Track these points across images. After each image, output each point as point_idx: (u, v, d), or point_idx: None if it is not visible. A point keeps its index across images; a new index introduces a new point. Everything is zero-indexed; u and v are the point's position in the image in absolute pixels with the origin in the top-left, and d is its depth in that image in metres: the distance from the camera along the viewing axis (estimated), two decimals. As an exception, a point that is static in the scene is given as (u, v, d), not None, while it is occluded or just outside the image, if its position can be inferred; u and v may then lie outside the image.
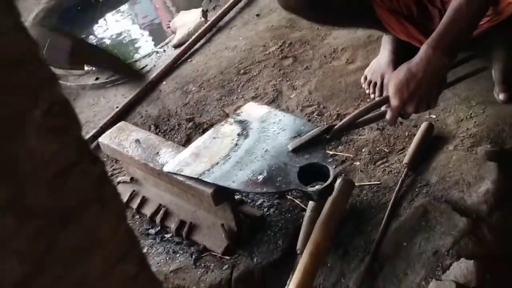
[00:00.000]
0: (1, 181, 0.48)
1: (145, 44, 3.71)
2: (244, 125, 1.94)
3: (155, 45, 3.49)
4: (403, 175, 1.96)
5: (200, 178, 1.77)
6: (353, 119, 1.83)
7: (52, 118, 0.52)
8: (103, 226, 0.60)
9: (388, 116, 1.82)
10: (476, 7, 1.72)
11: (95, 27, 4.00)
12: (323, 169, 1.72)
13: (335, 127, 1.82)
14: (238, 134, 1.91)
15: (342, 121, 1.84)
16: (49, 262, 0.55)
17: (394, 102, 1.77)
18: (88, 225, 0.58)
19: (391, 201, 1.89)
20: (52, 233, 0.55)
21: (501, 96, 2.09)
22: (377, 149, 2.13)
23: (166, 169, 1.86)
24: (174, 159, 1.88)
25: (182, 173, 1.81)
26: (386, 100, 1.81)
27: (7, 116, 0.48)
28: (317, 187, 1.68)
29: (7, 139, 0.48)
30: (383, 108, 1.85)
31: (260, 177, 1.72)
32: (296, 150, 1.79)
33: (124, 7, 4.14)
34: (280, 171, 1.73)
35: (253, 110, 2.02)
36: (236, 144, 1.87)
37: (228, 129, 1.95)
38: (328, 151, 2.15)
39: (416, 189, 1.93)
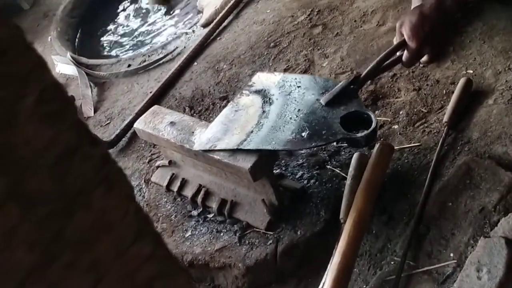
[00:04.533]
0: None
1: (174, 25, 3.70)
2: (263, 93, 1.94)
3: (184, 26, 3.48)
4: (443, 134, 1.93)
5: (239, 148, 1.77)
6: (376, 66, 1.88)
7: (45, 104, 0.51)
8: (111, 208, 0.59)
9: (405, 58, 1.87)
10: None
11: (124, 14, 4.00)
12: (363, 116, 1.74)
13: (361, 75, 1.86)
14: (262, 102, 1.89)
15: (367, 70, 1.87)
16: (59, 249, 0.55)
17: (411, 44, 1.82)
18: (96, 209, 0.58)
19: (433, 161, 1.87)
20: (59, 220, 0.55)
21: None
22: (415, 110, 2.09)
23: (196, 147, 1.86)
24: (201, 138, 1.88)
25: (217, 148, 1.81)
26: (402, 44, 1.85)
27: (-3, 106, 0.47)
28: (364, 132, 1.69)
29: (0, 129, 0.48)
30: (398, 53, 1.90)
31: (304, 134, 1.73)
32: (330, 104, 1.81)
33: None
34: (322, 125, 1.75)
35: (265, 79, 2.01)
36: (264, 111, 1.86)
37: (247, 100, 1.94)
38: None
39: (458, 147, 1.90)
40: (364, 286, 1.70)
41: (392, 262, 1.70)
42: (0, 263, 0.51)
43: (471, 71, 2.12)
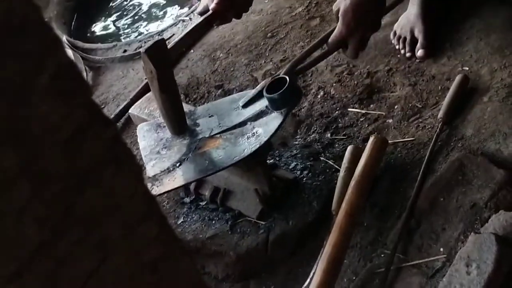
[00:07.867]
0: (12, 146, 0.49)
1: (171, 13, 3.69)
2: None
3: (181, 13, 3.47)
4: (437, 130, 1.94)
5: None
6: (301, 58, 1.95)
7: (59, 81, 0.52)
8: (120, 187, 0.60)
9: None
10: None
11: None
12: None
13: (287, 66, 1.89)
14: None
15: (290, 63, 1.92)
16: (68, 227, 0.56)
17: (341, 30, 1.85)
18: (105, 187, 0.59)
19: (426, 156, 1.88)
20: (69, 198, 0.56)
21: None
22: (410, 105, 2.11)
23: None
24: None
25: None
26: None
27: (13, 82, 0.48)
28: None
29: (15, 104, 0.48)
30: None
31: None
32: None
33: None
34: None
35: None
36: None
37: None
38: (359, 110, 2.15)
39: (451, 143, 1.91)
40: (354, 278, 1.72)
41: (382, 255, 1.72)
42: (11, 239, 0.52)
43: (467, 68, 2.13)
